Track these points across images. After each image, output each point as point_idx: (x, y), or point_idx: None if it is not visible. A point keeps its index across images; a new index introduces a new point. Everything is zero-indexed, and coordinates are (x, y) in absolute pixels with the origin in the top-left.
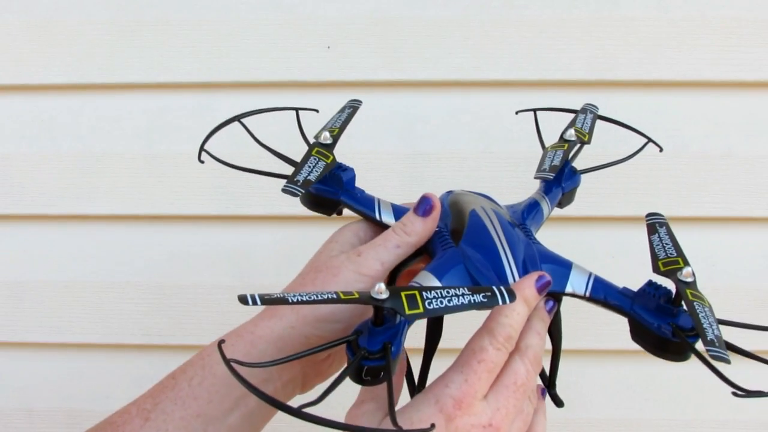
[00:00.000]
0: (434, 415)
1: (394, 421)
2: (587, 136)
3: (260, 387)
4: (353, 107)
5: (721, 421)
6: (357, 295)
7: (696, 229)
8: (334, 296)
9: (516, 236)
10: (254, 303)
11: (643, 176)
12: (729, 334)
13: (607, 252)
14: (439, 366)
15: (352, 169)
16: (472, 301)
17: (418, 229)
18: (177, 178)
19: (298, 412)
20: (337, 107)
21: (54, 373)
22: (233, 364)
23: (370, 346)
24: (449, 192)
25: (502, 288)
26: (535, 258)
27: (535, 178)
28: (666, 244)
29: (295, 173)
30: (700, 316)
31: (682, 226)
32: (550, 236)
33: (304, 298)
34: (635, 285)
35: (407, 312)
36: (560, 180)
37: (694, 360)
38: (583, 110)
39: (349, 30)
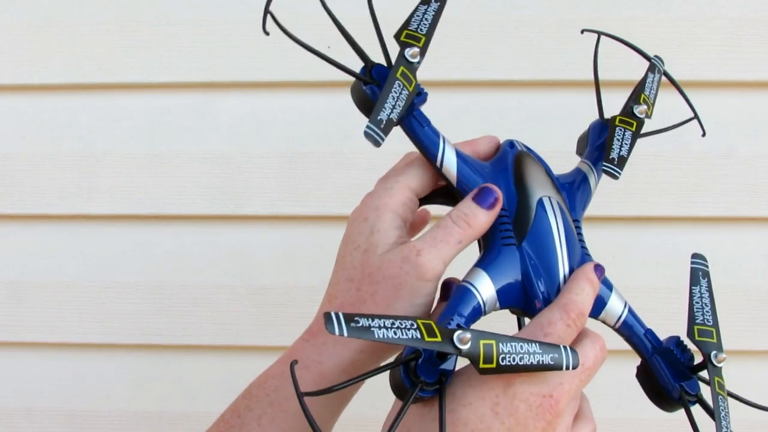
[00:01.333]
0: (492, 379)
1: None
2: (652, 109)
3: (335, 416)
4: None
5: None
6: (440, 338)
7: (696, 229)
8: (418, 336)
9: (573, 243)
10: (341, 333)
11: (643, 176)
12: (729, 331)
13: (607, 252)
14: None
15: (426, 93)
16: (541, 362)
17: (481, 222)
18: (177, 178)
19: None
20: (338, 107)
21: (54, 373)
22: (305, 399)
23: (428, 377)
24: (512, 146)
25: (569, 350)
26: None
27: (603, 170)
28: (705, 305)
29: (378, 108)
30: (721, 414)
31: (682, 226)
32: None
33: (390, 336)
34: (636, 285)
35: (481, 366)
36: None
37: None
38: (652, 66)
39: (349, 30)
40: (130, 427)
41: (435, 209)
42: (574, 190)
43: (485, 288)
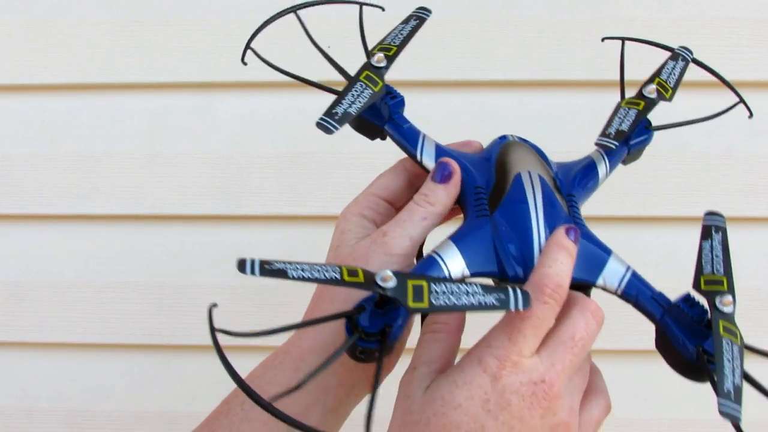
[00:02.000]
0: (479, 375)
1: (369, 414)
2: (670, 92)
3: (316, 403)
4: (420, 18)
5: (721, 421)
6: (362, 279)
7: (696, 229)
8: (338, 276)
9: (557, 214)
10: (252, 272)
11: (643, 176)
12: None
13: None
14: None
15: (402, 98)
16: (483, 303)
17: (441, 198)
18: (177, 178)
19: (268, 407)
20: None
21: (54, 373)
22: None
23: (369, 327)
24: (503, 138)
25: (518, 290)
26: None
27: (596, 144)
28: (716, 256)
29: (335, 104)
30: (724, 358)
31: (682, 226)
32: None
33: (306, 275)
34: None
35: (410, 305)
36: (629, 137)
37: None
38: (675, 55)
39: (349, 30)
40: (130, 427)
41: None
42: (574, 170)
43: (452, 258)
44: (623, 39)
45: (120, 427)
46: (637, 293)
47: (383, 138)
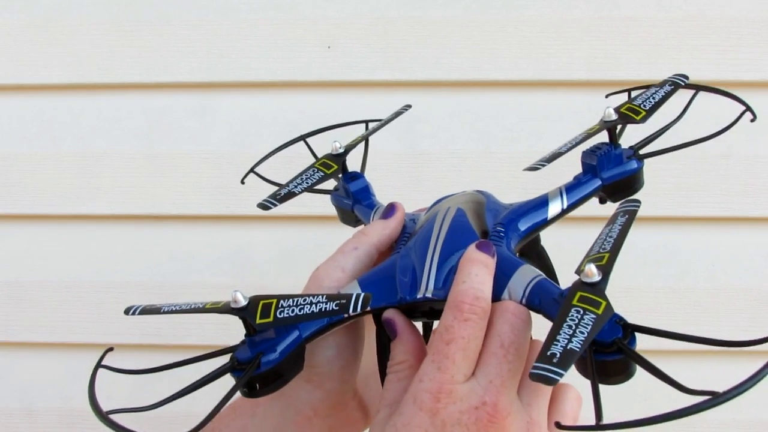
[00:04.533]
0: (416, 414)
1: None
2: (642, 114)
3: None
4: (397, 113)
5: (721, 421)
6: (220, 305)
7: (696, 229)
8: (200, 306)
9: (463, 238)
10: (134, 313)
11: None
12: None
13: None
14: None
15: (362, 178)
16: (324, 309)
17: (377, 229)
18: (177, 178)
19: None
20: (338, 107)
21: (54, 373)
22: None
23: (240, 356)
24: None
25: (360, 295)
26: None
27: (523, 170)
28: (609, 237)
29: (282, 187)
30: (564, 324)
31: (682, 226)
32: (548, 236)
33: (174, 308)
34: (636, 285)
35: (257, 321)
36: (595, 170)
37: (694, 360)
38: (663, 82)
39: (349, 30)
40: (130, 427)
41: None
42: (513, 206)
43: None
44: (697, 89)
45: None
46: (540, 300)
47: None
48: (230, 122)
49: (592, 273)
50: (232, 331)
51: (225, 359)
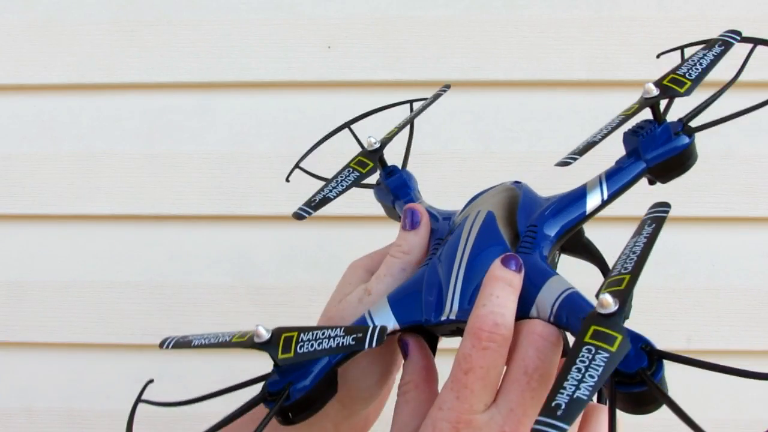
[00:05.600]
0: None
1: None
2: (687, 85)
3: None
4: (437, 95)
5: (721, 421)
6: (245, 338)
7: (696, 229)
8: (227, 339)
9: (489, 252)
10: (167, 347)
11: None
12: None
13: (607, 253)
14: None
15: (399, 174)
16: (341, 344)
17: (414, 244)
18: (177, 178)
19: None
20: (338, 107)
21: (54, 373)
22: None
23: (271, 387)
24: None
25: (376, 329)
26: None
27: (555, 165)
28: (633, 253)
29: (316, 193)
30: (573, 367)
31: (682, 226)
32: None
33: (204, 343)
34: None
35: (279, 356)
36: (638, 152)
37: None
38: (711, 42)
39: (349, 30)
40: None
41: None
42: (551, 199)
43: (381, 313)
44: (755, 41)
45: (120, 427)
46: (568, 318)
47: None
48: (230, 122)
49: (608, 303)
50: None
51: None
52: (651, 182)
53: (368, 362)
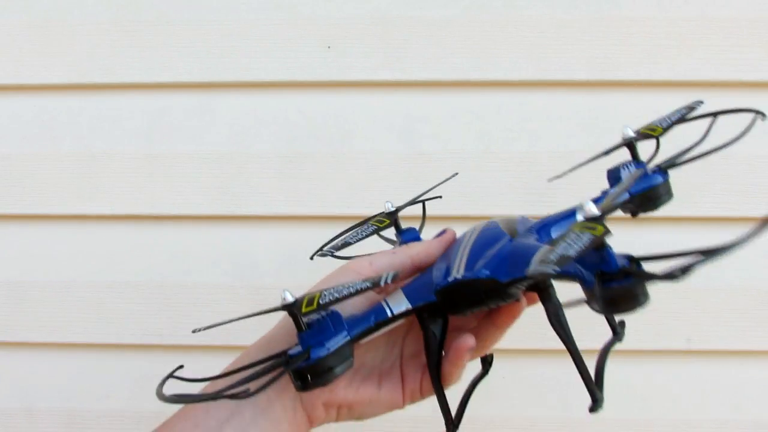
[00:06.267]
0: None
1: None
2: (659, 130)
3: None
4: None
5: (721, 421)
6: (271, 307)
7: (696, 229)
8: (255, 312)
9: (492, 237)
10: (201, 330)
11: None
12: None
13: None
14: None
15: (413, 231)
16: (359, 288)
17: (419, 244)
18: (177, 178)
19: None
20: (338, 107)
21: (54, 373)
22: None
23: (292, 352)
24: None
25: (390, 273)
26: (501, 253)
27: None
28: (622, 189)
29: (338, 237)
30: (563, 243)
31: (682, 226)
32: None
33: (232, 318)
34: None
35: (303, 310)
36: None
37: (693, 360)
38: (678, 110)
39: (349, 30)
40: (130, 427)
41: None
42: (547, 217)
43: (396, 299)
44: (714, 114)
45: (120, 427)
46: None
47: None
48: (230, 122)
49: (591, 209)
50: (231, 332)
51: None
52: (633, 214)
53: (384, 344)
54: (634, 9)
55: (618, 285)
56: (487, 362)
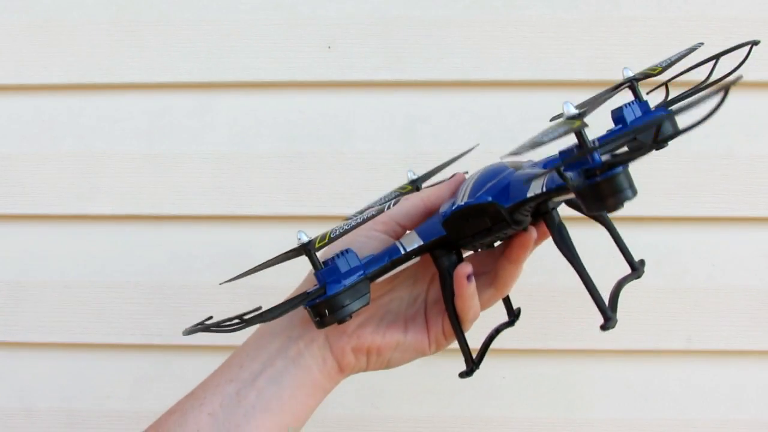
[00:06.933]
0: None
1: None
2: (659, 69)
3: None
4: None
5: (721, 421)
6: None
7: (696, 229)
8: (271, 259)
9: (495, 171)
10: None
11: (643, 176)
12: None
13: (607, 252)
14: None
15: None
16: (368, 216)
17: (431, 189)
18: (177, 178)
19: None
20: (338, 107)
21: (54, 373)
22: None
23: (310, 290)
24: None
25: (392, 201)
26: (503, 182)
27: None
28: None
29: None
30: (540, 132)
31: (682, 226)
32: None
33: (253, 266)
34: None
35: (317, 245)
36: (624, 120)
37: (693, 360)
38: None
39: (349, 30)
40: (130, 427)
41: None
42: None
43: (409, 238)
44: (716, 57)
45: (120, 427)
46: (551, 180)
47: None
48: (230, 122)
49: (569, 110)
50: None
51: None
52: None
53: (409, 292)
54: (634, 9)
55: (602, 177)
56: (513, 314)
